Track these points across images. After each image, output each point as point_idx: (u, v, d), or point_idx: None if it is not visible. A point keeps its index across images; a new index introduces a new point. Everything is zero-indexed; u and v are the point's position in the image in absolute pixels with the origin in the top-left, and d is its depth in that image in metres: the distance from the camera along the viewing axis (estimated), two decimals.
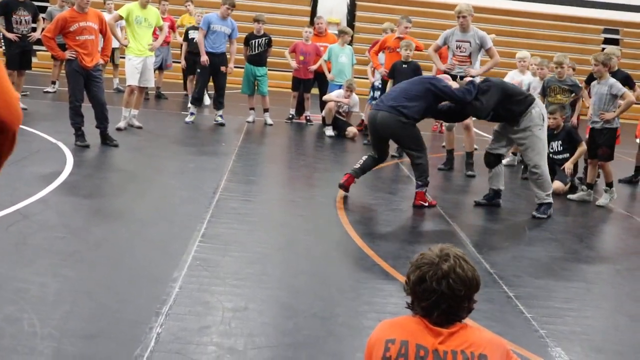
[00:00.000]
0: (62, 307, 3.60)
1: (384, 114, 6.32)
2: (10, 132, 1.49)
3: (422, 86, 6.38)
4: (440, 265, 2.10)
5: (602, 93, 7.22)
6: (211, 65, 10.09)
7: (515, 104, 6.47)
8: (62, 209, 5.46)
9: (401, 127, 6.32)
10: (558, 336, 3.83)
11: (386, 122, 6.32)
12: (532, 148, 6.51)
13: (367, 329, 3.63)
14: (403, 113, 6.26)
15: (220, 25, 10.10)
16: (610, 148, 7.33)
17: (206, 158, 8.00)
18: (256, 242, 5.03)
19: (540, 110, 6.55)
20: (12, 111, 1.48)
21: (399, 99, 6.34)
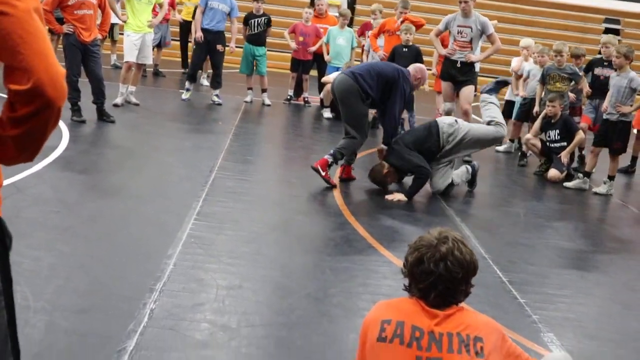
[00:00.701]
0: (56, 281, 3.59)
1: (343, 77, 6.25)
2: (55, 107, 1.50)
3: (392, 71, 6.25)
4: (439, 247, 2.10)
5: (621, 85, 7.16)
6: (207, 42, 10.04)
7: (428, 140, 6.33)
8: (57, 184, 5.43)
9: (351, 95, 6.13)
10: (551, 322, 3.85)
11: (341, 85, 6.18)
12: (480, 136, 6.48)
13: (362, 310, 3.63)
14: (359, 83, 6.10)
15: (219, 2, 10.01)
16: (623, 142, 7.34)
17: (203, 136, 7.96)
18: (251, 221, 5.01)
19: (446, 123, 6.45)
20: (57, 87, 1.49)
21: (364, 70, 6.23)
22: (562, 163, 7.73)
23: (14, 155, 1.59)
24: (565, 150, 7.79)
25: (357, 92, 6.11)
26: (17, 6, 1.47)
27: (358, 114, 6.22)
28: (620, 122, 7.25)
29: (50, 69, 1.47)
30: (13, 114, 1.49)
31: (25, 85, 1.45)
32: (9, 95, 1.49)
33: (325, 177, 6.19)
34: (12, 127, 1.51)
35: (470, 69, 8.12)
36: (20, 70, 1.45)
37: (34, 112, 1.48)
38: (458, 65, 8.06)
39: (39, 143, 1.57)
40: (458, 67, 8.06)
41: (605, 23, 20.05)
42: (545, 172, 7.92)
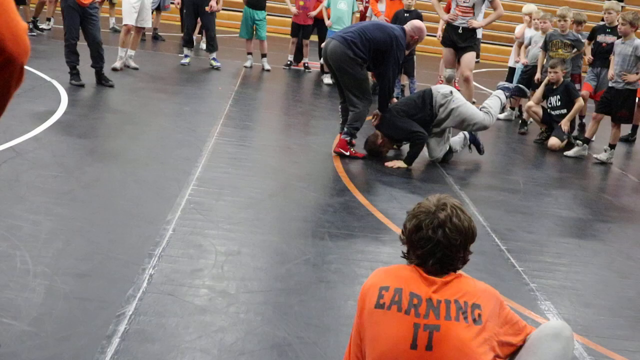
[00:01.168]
0: (55, 245, 3.60)
1: (335, 44, 6.02)
2: (17, 64, 1.46)
3: (384, 38, 6.02)
4: (437, 214, 2.09)
5: (626, 54, 7.09)
6: (194, 5, 9.97)
7: (421, 109, 6.25)
8: (56, 148, 5.41)
9: (347, 62, 5.98)
10: (548, 290, 3.87)
11: (335, 53, 6.01)
12: (467, 116, 6.35)
13: (360, 277, 3.65)
14: (352, 48, 5.96)
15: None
16: (630, 111, 7.30)
17: (202, 101, 7.92)
18: (250, 187, 5.01)
19: (441, 92, 6.32)
20: (19, 43, 1.44)
21: (356, 35, 6.01)
22: (562, 131, 7.70)
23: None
24: (565, 118, 7.76)
25: (353, 59, 5.99)
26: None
27: (358, 79, 6.11)
28: (626, 91, 7.19)
29: (10, 24, 1.42)
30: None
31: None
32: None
33: (352, 155, 6.18)
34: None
35: (472, 34, 8.04)
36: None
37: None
38: (460, 31, 7.99)
39: (3, 101, 1.53)
40: (460, 32, 7.99)
41: None
42: (545, 140, 7.91)
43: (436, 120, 6.30)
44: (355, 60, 5.99)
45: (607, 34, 8.09)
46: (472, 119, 6.37)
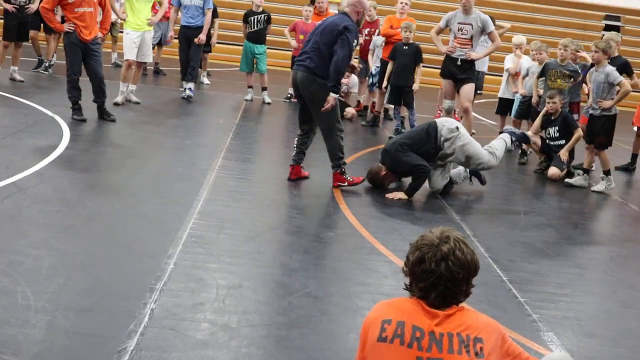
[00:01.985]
0: (56, 281, 3.59)
1: (301, 74, 5.95)
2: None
3: (335, 36, 5.83)
4: (440, 247, 2.10)
5: (600, 81, 7.21)
6: (186, 38, 10.14)
7: (426, 142, 6.25)
8: (58, 183, 5.44)
9: (317, 90, 5.89)
10: (550, 321, 3.85)
11: (303, 82, 5.94)
12: (472, 154, 6.33)
13: (361, 310, 3.64)
14: (317, 74, 5.85)
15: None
16: (607, 136, 7.33)
17: (203, 135, 7.97)
18: (251, 220, 5.02)
19: (447, 126, 6.31)
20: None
21: (314, 55, 5.89)
22: (561, 161, 7.73)
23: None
24: (564, 148, 7.79)
25: (321, 85, 5.87)
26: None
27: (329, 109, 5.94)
28: (604, 117, 7.26)
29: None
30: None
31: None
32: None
33: (350, 184, 6.16)
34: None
35: (470, 66, 8.12)
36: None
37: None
38: (458, 63, 8.06)
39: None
40: (458, 64, 8.06)
41: (606, 20, 20.04)
42: (545, 170, 7.93)
43: (440, 154, 6.31)
44: (325, 86, 5.87)
45: None
46: (478, 158, 6.38)
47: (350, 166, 7.07)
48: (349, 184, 6.16)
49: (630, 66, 8.57)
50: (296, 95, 6.24)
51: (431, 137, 6.29)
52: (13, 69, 9.95)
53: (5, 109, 7.98)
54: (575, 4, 19.79)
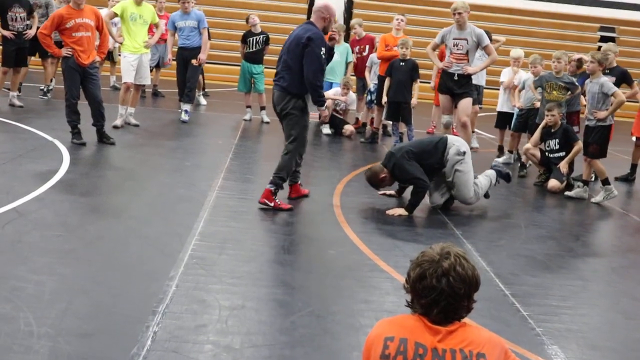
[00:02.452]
0: (58, 306, 3.59)
1: (277, 93, 5.91)
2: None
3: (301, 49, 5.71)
4: (441, 262, 2.10)
5: (594, 91, 7.24)
6: (183, 59, 10.22)
7: (430, 156, 6.27)
8: (59, 207, 5.44)
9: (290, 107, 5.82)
10: (554, 334, 3.84)
11: (279, 101, 5.89)
12: (460, 184, 6.32)
13: (364, 327, 3.63)
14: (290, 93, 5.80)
15: (184, 20, 10.21)
16: (600, 146, 7.32)
17: (202, 156, 7.99)
18: (252, 240, 5.02)
19: (456, 146, 6.33)
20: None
21: (285, 73, 5.83)
22: (561, 173, 7.74)
23: None
24: (563, 160, 7.80)
25: (296, 102, 5.82)
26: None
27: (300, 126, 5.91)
28: (599, 127, 7.27)
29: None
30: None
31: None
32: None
33: (275, 207, 5.83)
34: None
35: (467, 81, 8.15)
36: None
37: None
38: (455, 78, 8.10)
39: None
40: (455, 79, 8.10)
41: (601, 31, 20.14)
42: (545, 182, 7.94)
43: (443, 171, 6.33)
44: (297, 105, 5.82)
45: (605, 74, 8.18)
46: (463, 190, 6.33)
47: (350, 183, 7.10)
48: (275, 207, 5.83)
49: (629, 75, 8.61)
50: (275, 113, 6.11)
51: (439, 152, 6.29)
52: (12, 95, 10.00)
53: (5, 135, 8.01)
54: (571, 16, 19.90)
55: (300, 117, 5.88)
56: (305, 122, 5.99)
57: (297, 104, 5.84)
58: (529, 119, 8.71)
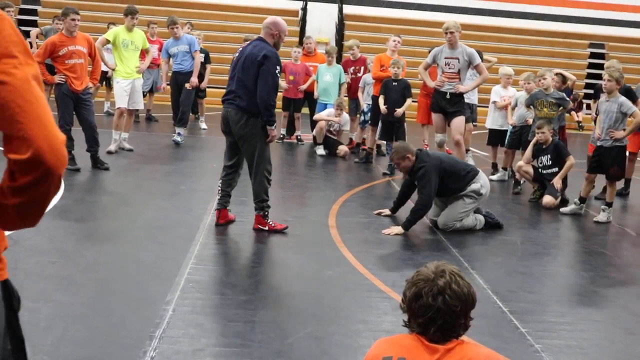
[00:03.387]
0: (54, 333, 3.56)
1: (232, 112, 5.71)
2: (56, 175, 1.48)
3: (256, 68, 5.57)
4: (436, 281, 2.10)
5: (612, 111, 7.08)
6: (177, 84, 10.38)
7: (455, 182, 6.33)
8: (54, 234, 5.43)
9: (248, 128, 5.67)
10: (553, 350, 3.83)
11: (234, 121, 5.71)
12: (453, 211, 6.36)
13: (362, 348, 3.61)
14: (247, 112, 5.64)
15: (176, 46, 10.39)
16: (621, 167, 7.25)
17: (197, 179, 7.99)
18: (249, 263, 5.00)
19: (479, 185, 6.38)
20: (57, 155, 1.47)
21: (241, 92, 5.66)
22: (555, 189, 7.76)
23: (16, 222, 1.56)
24: (557, 176, 7.82)
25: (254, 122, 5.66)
26: (15, 75, 1.46)
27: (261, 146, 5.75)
28: (616, 147, 7.17)
29: (49, 137, 1.46)
30: (13, 184, 1.47)
31: (24, 155, 1.43)
32: (8, 164, 1.47)
33: (270, 229, 5.85)
34: (13, 197, 1.48)
35: (459, 99, 8.21)
36: (19, 139, 1.43)
37: (33, 181, 1.46)
38: (447, 97, 8.15)
39: (40, 210, 1.54)
40: (447, 98, 8.15)
41: (591, 48, 20.32)
42: (539, 198, 7.96)
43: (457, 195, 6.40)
44: (255, 124, 5.68)
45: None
46: (451, 215, 6.35)
47: (345, 204, 7.10)
48: (270, 229, 5.85)
49: (634, 92, 8.57)
50: (224, 132, 5.95)
51: (465, 181, 6.35)
52: None
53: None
54: (560, 33, 20.09)
55: (262, 137, 5.74)
56: (264, 141, 5.79)
57: (257, 124, 5.69)
58: (522, 136, 8.76)
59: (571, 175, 8.04)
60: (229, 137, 5.91)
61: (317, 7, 19.72)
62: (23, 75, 1.46)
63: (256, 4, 19.54)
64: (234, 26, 18.49)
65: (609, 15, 20.52)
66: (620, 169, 7.28)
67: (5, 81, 1.44)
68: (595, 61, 19.50)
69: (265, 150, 5.80)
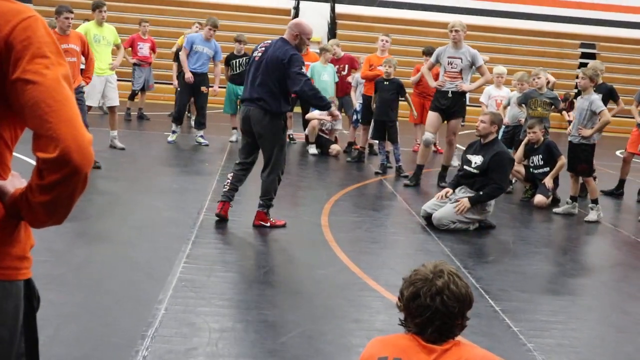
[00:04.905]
0: (46, 332, 3.54)
1: (254, 110, 5.77)
2: (82, 174, 1.52)
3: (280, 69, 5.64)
4: (434, 281, 2.09)
5: (583, 108, 7.22)
6: (192, 84, 10.14)
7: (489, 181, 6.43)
8: (45, 233, 5.36)
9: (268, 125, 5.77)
10: (545, 349, 3.84)
11: (257, 118, 5.76)
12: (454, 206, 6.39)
13: (356, 347, 3.61)
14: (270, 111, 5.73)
15: (204, 46, 10.21)
16: (588, 164, 7.31)
17: (190, 178, 7.97)
18: (241, 262, 5.00)
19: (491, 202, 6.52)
20: (84, 154, 1.51)
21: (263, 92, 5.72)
22: (546, 188, 7.78)
23: (44, 219, 1.62)
24: (548, 175, 7.85)
25: (273, 119, 5.78)
26: (46, 75, 1.50)
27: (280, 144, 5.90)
28: (583, 145, 7.24)
29: (77, 137, 1.50)
30: (41, 182, 1.52)
31: (52, 154, 1.48)
32: (37, 162, 1.52)
33: (272, 225, 5.92)
34: (41, 194, 1.53)
35: (460, 99, 8.21)
36: (47, 138, 1.49)
37: (61, 179, 1.50)
38: (449, 95, 8.14)
39: (67, 208, 1.59)
40: (449, 97, 8.15)
41: (582, 48, 20.40)
42: (531, 198, 7.98)
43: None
44: (278, 124, 5.81)
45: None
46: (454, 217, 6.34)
47: (337, 203, 7.10)
48: (271, 225, 5.92)
49: (615, 92, 8.71)
50: (244, 131, 6.04)
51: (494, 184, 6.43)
52: None
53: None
54: (551, 33, 20.16)
55: (280, 137, 5.87)
56: (284, 142, 5.98)
57: (278, 124, 5.81)
58: (515, 136, 8.78)
59: (562, 175, 8.07)
60: (248, 137, 6.00)
61: (309, 6, 19.71)
62: (54, 75, 1.52)
63: (249, 2, 19.53)
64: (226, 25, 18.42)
65: (600, 15, 20.61)
66: (587, 165, 7.31)
67: (37, 81, 1.49)
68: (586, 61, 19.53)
69: (283, 150, 5.93)
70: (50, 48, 1.54)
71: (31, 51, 1.51)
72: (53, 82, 1.51)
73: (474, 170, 6.50)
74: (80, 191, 1.57)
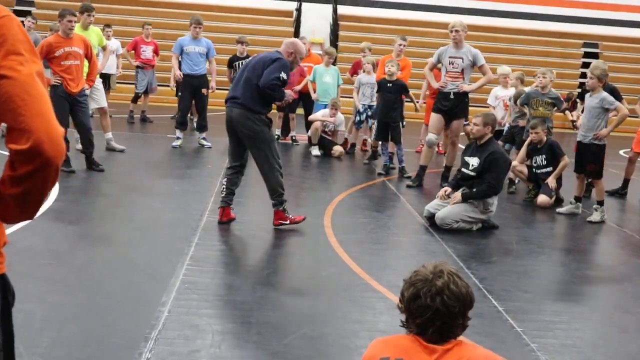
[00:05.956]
0: (49, 334, 3.55)
1: (236, 111, 5.81)
2: (53, 166, 1.56)
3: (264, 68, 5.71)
4: (435, 281, 2.09)
5: (593, 106, 7.13)
6: (191, 87, 10.16)
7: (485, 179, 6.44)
8: (48, 235, 5.41)
9: (253, 127, 5.78)
10: (549, 349, 3.83)
11: (239, 120, 5.81)
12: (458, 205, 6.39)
13: (358, 348, 3.61)
14: (252, 110, 5.76)
15: (194, 46, 10.13)
16: (598, 165, 7.24)
17: (192, 180, 7.98)
18: (244, 264, 5.00)
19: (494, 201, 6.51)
20: (56, 146, 1.56)
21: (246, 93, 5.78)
22: (549, 188, 7.77)
23: (15, 213, 1.64)
24: (551, 175, 7.83)
25: (258, 120, 5.79)
26: (21, 71, 1.55)
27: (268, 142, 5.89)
28: (594, 145, 7.18)
29: (49, 129, 1.54)
30: (13, 173, 1.55)
31: (24, 145, 1.51)
32: (10, 154, 1.55)
33: (292, 222, 5.97)
34: (12, 186, 1.56)
35: (463, 99, 8.19)
36: (20, 130, 1.52)
37: (32, 171, 1.53)
38: (451, 97, 8.13)
39: (38, 201, 1.62)
40: (451, 98, 8.13)
41: (585, 47, 20.37)
42: (534, 198, 7.97)
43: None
44: (261, 121, 5.81)
45: None
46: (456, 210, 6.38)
47: (340, 204, 7.10)
48: (291, 222, 5.96)
49: (618, 92, 8.65)
50: (228, 133, 6.06)
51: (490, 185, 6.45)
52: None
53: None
54: (554, 33, 20.13)
55: (267, 133, 5.87)
56: (271, 137, 5.95)
57: (261, 120, 5.81)
58: (515, 136, 8.78)
59: (565, 175, 8.05)
60: (233, 138, 5.99)
61: (311, 8, 19.73)
62: (28, 71, 1.56)
63: (250, 4, 19.54)
64: (228, 27, 18.47)
65: (603, 14, 20.58)
66: (597, 167, 7.25)
67: (11, 76, 1.53)
68: (589, 60, 19.51)
69: (272, 145, 5.92)
70: (25, 46, 1.58)
71: (5, 48, 1.55)
72: (27, 78, 1.55)
73: (471, 172, 6.53)
74: (51, 184, 1.60)
